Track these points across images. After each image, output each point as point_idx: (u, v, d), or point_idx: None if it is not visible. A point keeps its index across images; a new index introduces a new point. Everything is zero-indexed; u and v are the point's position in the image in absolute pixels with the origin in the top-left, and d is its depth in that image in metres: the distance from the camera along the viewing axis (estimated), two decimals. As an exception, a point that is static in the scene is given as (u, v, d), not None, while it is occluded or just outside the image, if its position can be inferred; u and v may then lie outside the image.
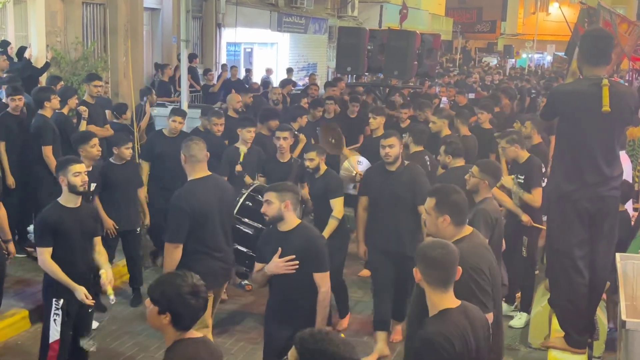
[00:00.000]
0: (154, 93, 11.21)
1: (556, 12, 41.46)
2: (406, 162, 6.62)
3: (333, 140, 8.67)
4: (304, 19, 24.24)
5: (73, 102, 8.75)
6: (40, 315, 6.88)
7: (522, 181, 7.14)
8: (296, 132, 8.95)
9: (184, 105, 10.01)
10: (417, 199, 6.19)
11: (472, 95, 16.38)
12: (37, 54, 11.96)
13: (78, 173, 5.19)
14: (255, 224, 6.08)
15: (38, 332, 6.60)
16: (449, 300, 3.46)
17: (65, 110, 8.72)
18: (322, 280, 4.80)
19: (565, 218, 5.11)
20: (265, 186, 6.23)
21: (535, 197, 7.03)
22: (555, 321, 5.60)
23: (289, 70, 19.34)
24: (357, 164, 8.38)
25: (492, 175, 5.59)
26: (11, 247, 6.21)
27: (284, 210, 4.78)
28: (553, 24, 43.77)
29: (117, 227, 7.27)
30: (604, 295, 6.14)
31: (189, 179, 5.58)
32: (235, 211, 6.04)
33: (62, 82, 9.97)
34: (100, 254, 5.40)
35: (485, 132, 9.30)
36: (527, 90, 18.08)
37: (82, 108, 8.69)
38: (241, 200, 6.22)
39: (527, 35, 44.64)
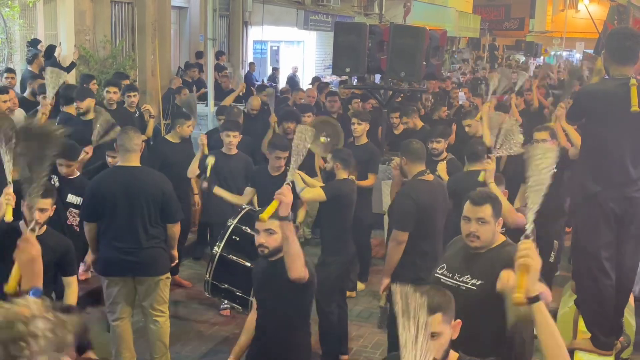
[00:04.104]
0: (184, 92, 11.24)
1: (585, 9, 41.00)
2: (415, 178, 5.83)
3: (327, 139, 7.86)
4: (330, 16, 24.24)
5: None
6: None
7: None
8: None
9: (210, 104, 10.06)
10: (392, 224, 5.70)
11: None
12: (67, 52, 12.10)
13: (30, 207, 4.12)
14: (243, 262, 5.64)
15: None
16: None
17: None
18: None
19: (591, 219, 5.06)
20: (255, 210, 5.99)
21: None
22: (581, 322, 5.55)
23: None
24: None
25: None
26: None
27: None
28: (582, 21, 43.24)
29: None
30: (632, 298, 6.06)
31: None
32: (220, 247, 5.64)
33: (94, 81, 10.07)
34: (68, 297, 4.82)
35: None
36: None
37: (147, 106, 8.89)
38: (226, 235, 5.68)
39: (555, 32, 44.23)
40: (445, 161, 7.18)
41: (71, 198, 6.19)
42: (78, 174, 6.35)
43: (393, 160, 6.11)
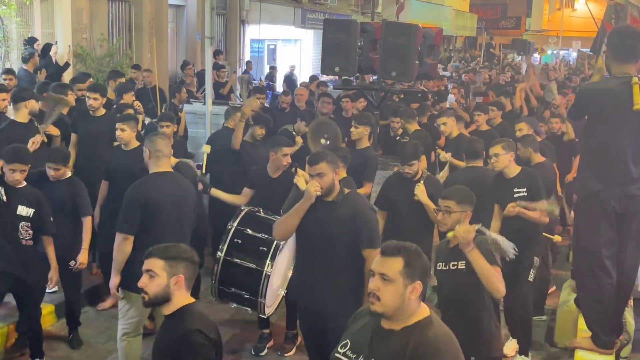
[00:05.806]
0: (184, 91, 11.17)
1: (582, 8, 41.00)
2: (346, 190, 4.84)
3: (327, 142, 7.06)
4: (327, 15, 24.23)
5: (129, 97, 8.68)
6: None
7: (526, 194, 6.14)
8: (294, 133, 8.50)
9: (208, 103, 10.02)
10: (361, 241, 4.63)
11: (479, 99, 15.63)
12: (63, 51, 12.07)
13: None
14: (248, 264, 5.59)
15: (63, 327, 6.71)
16: None
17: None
18: None
19: (592, 217, 5.05)
20: (254, 210, 5.86)
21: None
22: (582, 321, 5.55)
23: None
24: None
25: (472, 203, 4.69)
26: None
27: (173, 288, 3.43)
28: (579, 20, 43.30)
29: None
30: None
31: (150, 173, 5.34)
32: (223, 252, 5.55)
33: (91, 79, 10.00)
34: None
35: (482, 135, 8.99)
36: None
37: (137, 103, 8.71)
38: (228, 239, 5.60)
39: (552, 31, 44.20)
40: (422, 181, 6.29)
41: (22, 210, 5.57)
42: (25, 183, 5.67)
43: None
